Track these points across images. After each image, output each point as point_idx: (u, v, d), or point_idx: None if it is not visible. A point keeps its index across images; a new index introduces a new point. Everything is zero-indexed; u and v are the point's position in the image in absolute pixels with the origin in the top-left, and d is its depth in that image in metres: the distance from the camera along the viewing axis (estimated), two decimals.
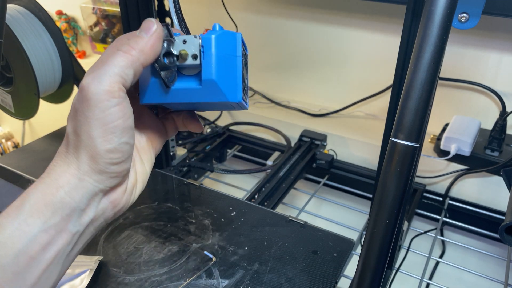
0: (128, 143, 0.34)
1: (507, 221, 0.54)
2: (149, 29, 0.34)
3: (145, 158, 0.40)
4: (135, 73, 0.34)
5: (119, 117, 0.33)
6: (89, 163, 0.33)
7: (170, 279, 0.61)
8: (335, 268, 0.63)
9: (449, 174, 0.90)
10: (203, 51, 0.35)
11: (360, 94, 0.99)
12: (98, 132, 0.32)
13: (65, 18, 1.34)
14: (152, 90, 0.37)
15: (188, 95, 0.37)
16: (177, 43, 0.36)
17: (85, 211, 0.34)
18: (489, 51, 0.82)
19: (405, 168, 0.31)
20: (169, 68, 0.36)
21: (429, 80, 0.30)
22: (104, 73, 0.32)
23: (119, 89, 0.32)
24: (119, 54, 0.33)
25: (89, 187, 0.33)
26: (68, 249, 0.34)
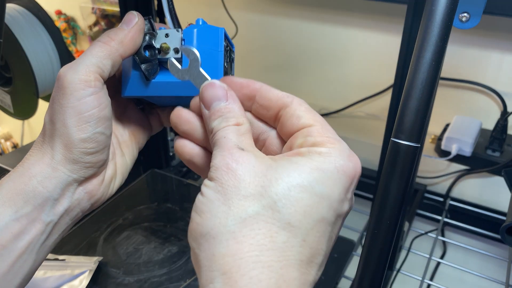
0: (103, 133, 0.34)
1: (508, 222, 0.53)
2: (130, 21, 0.35)
3: (126, 151, 0.40)
4: (113, 64, 0.34)
5: (94, 106, 0.32)
6: (63, 152, 0.33)
7: (169, 280, 0.61)
8: (335, 269, 0.63)
9: (450, 175, 0.90)
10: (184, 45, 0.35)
11: (360, 94, 0.99)
12: (72, 121, 0.32)
13: (64, 17, 1.34)
14: (133, 83, 0.37)
15: (169, 88, 0.36)
16: (159, 36, 0.36)
17: (59, 201, 0.34)
18: (490, 51, 0.82)
19: (406, 168, 0.31)
20: (150, 61, 0.36)
21: (430, 80, 0.30)
22: (81, 62, 0.32)
23: (95, 79, 0.32)
24: (98, 45, 0.33)
25: (63, 177, 0.33)
26: (42, 238, 0.34)
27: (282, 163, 0.26)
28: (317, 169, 0.25)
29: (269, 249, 0.24)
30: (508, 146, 0.82)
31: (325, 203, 0.25)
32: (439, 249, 0.96)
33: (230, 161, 0.26)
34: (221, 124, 0.28)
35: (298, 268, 0.24)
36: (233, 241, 0.24)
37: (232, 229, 0.24)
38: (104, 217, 0.73)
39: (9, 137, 1.79)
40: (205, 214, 0.25)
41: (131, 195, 0.79)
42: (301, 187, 0.25)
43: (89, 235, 0.70)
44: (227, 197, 0.25)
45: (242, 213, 0.24)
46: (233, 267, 0.23)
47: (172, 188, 0.82)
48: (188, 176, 0.92)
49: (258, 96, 0.31)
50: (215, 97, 0.30)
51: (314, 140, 0.27)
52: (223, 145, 0.27)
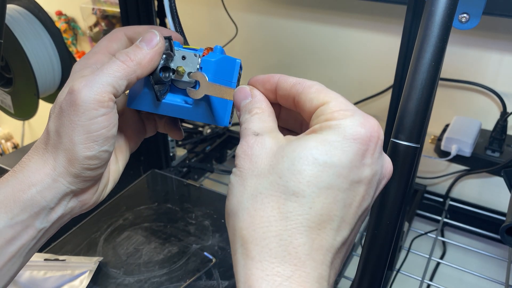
0: (107, 151, 0.34)
1: (508, 222, 0.53)
2: (150, 41, 0.34)
3: (120, 157, 0.40)
4: (128, 84, 0.34)
5: (104, 126, 0.33)
6: (65, 166, 0.33)
7: (170, 280, 0.61)
8: None
9: (450, 175, 0.90)
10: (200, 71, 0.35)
11: (360, 94, 0.99)
12: (80, 139, 0.32)
13: (64, 18, 1.34)
14: (142, 99, 0.37)
15: (177, 110, 0.37)
16: (176, 58, 0.36)
17: (54, 209, 0.34)
18: (490, 52, 0.82)
19: (406, 168, 0.31)
20: (164, 83, 0.36)
21: (430, 81, 0.30)
22: (98, 80, 0.32)
23: (109, 99, 0.32)
24: (116, 64, 0.33)
25: (62, 188, 0.33)
26: (32, 243, 0.34)
27: (293, 142, 0.28)
28: (322, 141, 0.27)
29: (277, 219, 0.26)
30: (507, 146, 0.82)
31: (330, 171, 0.26)
32: (438, 249, 0.96)
33: (246, 147, 0.29)
34: (245, 116, 0.31)
35: (307, 234, 0.26)
36: (247, 215, 0.27)
37: (246, 205, 0.27)
38: (104, 217, 0.73)
39: (10, 137, 1.79)
40: (229, 197, 0.29)
41: (131, 196, 0.79)
42: (303, 159, 0.26)
43: (89, 236, 0.70)
44: (243, 178, 0.28)
45: (254, 190, 0.27)
46: (248, 238, 0.26)
47: (172, 189, 0.82)
48: (188, 176, 0.92)
49: (277, 88, 0.32)
50: (241, 98, 0.33)
51: (326, 116, 0.28)
52: (243, 135, 0.30)
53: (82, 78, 0.32)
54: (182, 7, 1.05)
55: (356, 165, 0.27)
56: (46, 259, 0.64)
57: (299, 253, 0.25)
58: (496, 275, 0.72)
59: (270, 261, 0.25)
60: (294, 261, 0.25)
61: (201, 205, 0.75)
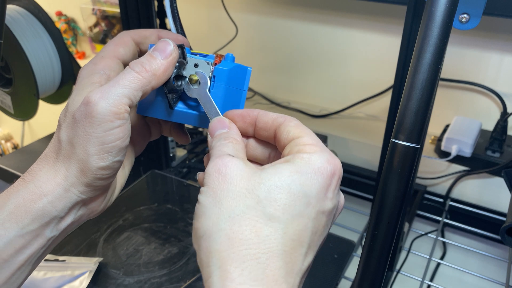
0: (120, 161, 0.34)
1: (508, 223, 0.53)
2: (164, 51, 0.34)
3: (126, 162, 0.41)
4: (143, 95, 0.34)
5: (119, 138, 0.33)
6: (78, 176, 0.33)
7: (170, 281, 0.61)
8: (335, 269, 0.63)
9: (450, 175, 0.90)
10: (214, 81, 0.36)
11: (360, 95, 0.99)
12: (95, 150, 0.32)
13: (64, 19, 1.34)
14: (154, 106, 0.37)
15: (188, 118, 0.37)
16: (189, 65, 0.36)
17: (64, 218, 0.34)
18: (490, 52, 0.82)
19: (406, 169, 0.31)
20: (177, 91, 0.36)
21: (430, 81, 0.30)
22: (114, 92, 0.32)
23: (125, 111, 0.32)
24: (131, 75, 0.33)
25: (73, 197, 0.33)
26: (41, 252, 0.34)
27: (267, 169, 0.29)
28: (296, 172, 0.28)
29: (255, 242, 0.27)
30: (508, 147, 0.82)
31: (303, 200, 0.28)
32: (439, 250, 0.96)
33: (221, 166, 0.29)
34: (220, 141, 0.32)
35: (282, 258, 0.27)
36: (225, 238, 0.27)
37: (223, 227, 0.27)
38: (104, 218, 0.73)
39: (10, 138, 1.79)
40: (201, 218, 0.28)
41: (131, 196, 0.79)
42: (280, 188, 0.28)
43: (89, 236, 0.70)
44: (217, 199, 0.28)
45: (231, 212, 0.27)
46: (227, 260, 0.26)
47: (172, 189, 0.82)
48: (188, 177, 0.92)
49: (257, 121, 0.34)
50: (219, 127, 0.33)
51: (298, 148, 0.30)
52: (216, 154, 0.30)
53: (98, 89, 0.32)
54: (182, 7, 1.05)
55: (321, 197, 0.29)
56: (46, 259, 0.64)
57: (276, 276, 0.26)
58: (496, 276, 0.72)
59: (250, 284, 0.25)
60: (271, 283, 0.26)
61: None
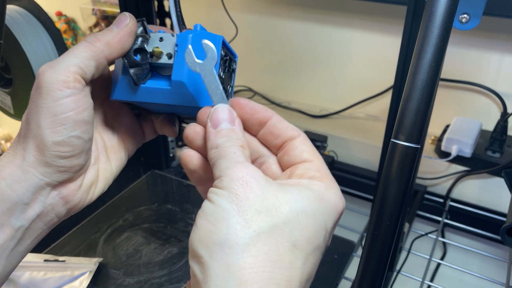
0: (80, 137, 0.32)
1: (509, 223, 0.53)
2: (121, 23, 0.33)
3: (113, 157, 0.38)
4: (97, 66, 0.32)
5: (71, 108, 0.31)
6: (35, 154, 0.31)
7: (170, 281, 0.61)
8: (336, 270, 0.63)
9: (450, 176, 0.90)
10: (177, 50, 0.33)
11: (360, 95, 0.99)
12: (46, 122, 0.30)
13: (64, 19, 1.34)
14: (122, 87, 0.35)
15: (158, 95, 0.34)
16: (153, 40, 0.34)
17: (30, 205, 0.32)
18: (490, 52, 0.82)
19: (406, 169, 0.31)
20: (140, 65, 0.34)
21: (430, 81, 0.30)
22: (61, 61, 0.31)
23: (74, 80, 0.31)
24: (82, 45, 0.32)
25: (34, 180, 0.31)
26: (12, 244, 0.32)
27: (289, 188, 0.27)
28: (319, 200, 0.27)
29: (279, 267, 0.25)
30: (508, 147, 0.82)
31: (322, 233, 0.27)
32: (439, 250, 0.96)
33: (246, 174, 0.27)
34: (229, 142, 0.29)
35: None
36: (248, 254, 0.24)
37: (248, 242, 0.24)
38: (104, 218, 0.73)
39: (10, 138, 1.79)
40: (220, 223, 0.25)
41: (131, 196, 0.79)
42: (308, 214, 0.26)
43: (89, 236, 0.70)
44: (242, 209, 0.25)
45: (256, 227, 0.25)
46: (248, 280, 0.24)
47: (172, 189, 0.82)
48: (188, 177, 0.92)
49: (269, 123, 0.32)
50: (223, 120, 0.30)
51: (313, 174, 0.29)
52: (234, 158, 0.28)
53: (48, 62, 0.31)
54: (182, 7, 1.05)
55: (330, 232, 0.28)
56: (46, 260, 0.64)
57: None
58: (496, 276, 0.72)
59: None
60: None
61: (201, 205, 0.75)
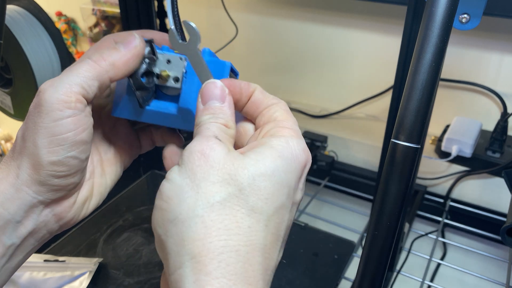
0: (76, 157, 0.31)
1: (509, 223, 0.53)
2: (129, 44, 0.32)
3: (108, 170, 0.38)
4: (100, 86, 0.31)
5: (70, 129, 0.30)
6: (29, 173, 0.30)
7: None
8: (336, 270, 0.63)
9: (450, 176, 0.90)
10: (186, 76, 0.33)
11: (360, 95, 0.99)
12: (44, 142, 0.29)
13: (64, 19, 1.34)
14: (125, 105, 0.34)
15: (163, 118, 0.34)
16: (160, 61, 0.33)
17: (22, 223, 0.31)
18: (490, 52, 0.82)
19: (406, 169, 0.31)
20: (146, 89, 0.33)
21: (430, 81, 0.30)
22: (64, 80, 0.30)
23: (76, 100, 0.30)
24: (86, 63, 0.31)
25: (27, 198, 0.30)
26: (3, 261, 0.31)
27: (249, 154, 0.27)
28: (278, 157, 0.27)
29: (236, 233, 0.24)
30: (508, 147, 0.82)
31: (284, 190, 0.27)
32: (439, 250, 0.96)
33: (205, 147, 0.27)
34: (211, 119, 0.29)
35: (262, 253, 0.25)
36: (201, 225, 0.24)
37: (201, 214, 0.24)
38: (104, 218, 0.73)
39: (9, 138, 1.79)
40: (172, 200, 0.25)
41: (131, 197, 0.79)
42: (265, 175, 0.26)
43: (89, 237, 0.70)
44: (196, 182, 0.25)
45: (210, 198, 0.25)
46: (203, 250, 0.24)
47: None
48: None
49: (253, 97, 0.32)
50: (213, 96, 0.30)
51: (277, 129, 0.29)
52: (203, 133, 0.28)
53: (50, 79, 0.30)
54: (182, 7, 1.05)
55: (295, 187, 0.28)
56: (45, 260, 0.64)
57: (255, 271, 0.24)
58: (496, 276, 0.72)
59: (228, 278, 0.23)
60: (250, 279, 0.24)
61: None
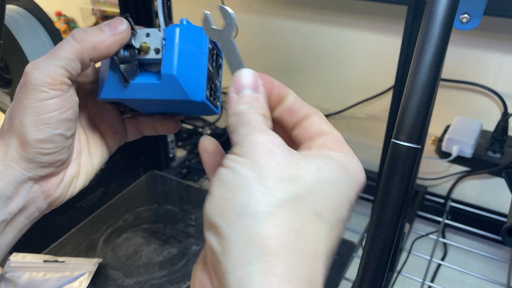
0: (62, 135, 0.32)
1: (509, 223, 0.53)
2: (115, 28, 0.33)
3: (95, 151, 0.39)
4: (82, 66, 0.32)
5: (55, 109, 0.31)
6: (17, 150, 0.32)
7: (169, 282, 0.61)
8: (336, 271, 0.63)
9: (451, 176, 0.90)
10: (165, 44, 0.33)
11: (361, 95, 0.99)
12: (30, 121, 0.31)
13: (64, 19, 1.34)
14: (110, 85, 0.34)
15: (148, 90, 0.34)
16: (139, 35, 0.34)
17: (12, 199, 0.33)
18: (491, 52, 0.81)
19: (407, 169, 0.31)
20: (129, 62, 0.34)
21: (431, 81, 0.30)
22: (47, 62, 0.31)
23: (61, 82, 0.31)
24: (69, 44, 0.32)
25: (16, 175, 0.32)
26: None
27: (312, 158, 0.26)
28: (343, 171, 0.26)
29: (304, 237, 0.23)
30: (508, 147, 0.82)
31: (347, 205, 0.26)
32: (439, 250, 0.96)
33: (268, 141, 0.25)
34: (251, 109, 0.28)
35: (324, 262, 0.24)
36: (272, 223, 0.23)
37: (270, 211, 0.23)
38: (104, 218, 0.73)
39: None
40: (239, 191, 0.24)
41: (131, 197, 0.79)
42: (331, 184, 0.25)
43: (89, 237, 0.70)
44: (264, 176, 0.24)
45: (279, 195, 0.23)
46: (273, 250, 0.22)
47: (172, 190, 0.82)
48: (188, 177, 0.91)
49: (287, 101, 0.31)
50: (248, 85, 0.29)
51: (333, 145, 0.28)
52: (256, 125, 0.26)
53: (35, 60, 0.31)
54: (182, 7, 1.05)
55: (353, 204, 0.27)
56: (45, 260, 0.64)
57: (319, 279, 0.23)
58: (497, 277, 0.72)
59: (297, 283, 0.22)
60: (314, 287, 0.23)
61: (201, 206, 0.75)
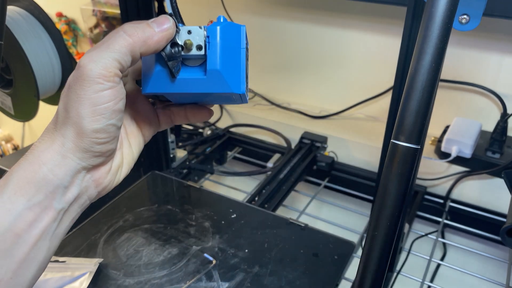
0: (115, 125, 0.35)
1: (509, 224, 0.53)
2: (162, 24, 0.35)
3: (133, 142, 0.41)
4: (133, 60, 0.34)
5: (110, 99, 0.33)
6: (74, 141, 0.34)
7: (170, 282, 0.61)
8: (335, 270, 0.63)
9: (450, 176, 0.90)
10: (208, 42, 0.36)
11: (360, 95, 0.99)
12: (87, 111, 0.33)
13: (65, 20, 1.34)
14: (156, 80, 0.37)
15: (193, 85, 0.37)
16: (182, 33, 0.36)
17: (69, 188, 0.34)
18: (490, 53, 0.82)
19: (406, 170, 0.31)
20: (175, 58, 0.36)
21: (430, 82, 0.30)
22: (103, 55, 0.33)
23: (114, 74, 0.33)
24: (122, 37, 0.34)
25: (72, 164, 0.34)
26: (54, 226, 0.34)
27: None
28: None
29: None
30: (508, 147, 0.82)
31: None
32: (439, 250, 0.96)
33: None
34: None
35: None
36: None
37: None
38: (105, 219, 0.73)
39: (10, 139, 1.79)
40: None
41: (131, 197, 0.79)
42: None
43: (90, 237, 0.70)
44: None
45: None
46: None
47: (172, 190, 0.82)
48: (188, 178, 0.92)
49: None
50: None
51: None
52: None
53: (89, 53, 0.33)
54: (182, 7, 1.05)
55: None
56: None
57: None
58: (496, 277, 0.72)
59: None
60: None
61: (201, 206, 0.75)
